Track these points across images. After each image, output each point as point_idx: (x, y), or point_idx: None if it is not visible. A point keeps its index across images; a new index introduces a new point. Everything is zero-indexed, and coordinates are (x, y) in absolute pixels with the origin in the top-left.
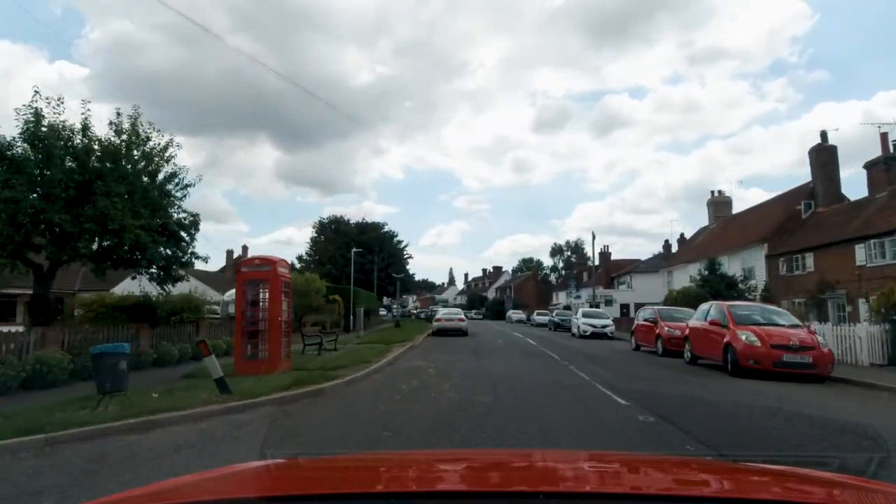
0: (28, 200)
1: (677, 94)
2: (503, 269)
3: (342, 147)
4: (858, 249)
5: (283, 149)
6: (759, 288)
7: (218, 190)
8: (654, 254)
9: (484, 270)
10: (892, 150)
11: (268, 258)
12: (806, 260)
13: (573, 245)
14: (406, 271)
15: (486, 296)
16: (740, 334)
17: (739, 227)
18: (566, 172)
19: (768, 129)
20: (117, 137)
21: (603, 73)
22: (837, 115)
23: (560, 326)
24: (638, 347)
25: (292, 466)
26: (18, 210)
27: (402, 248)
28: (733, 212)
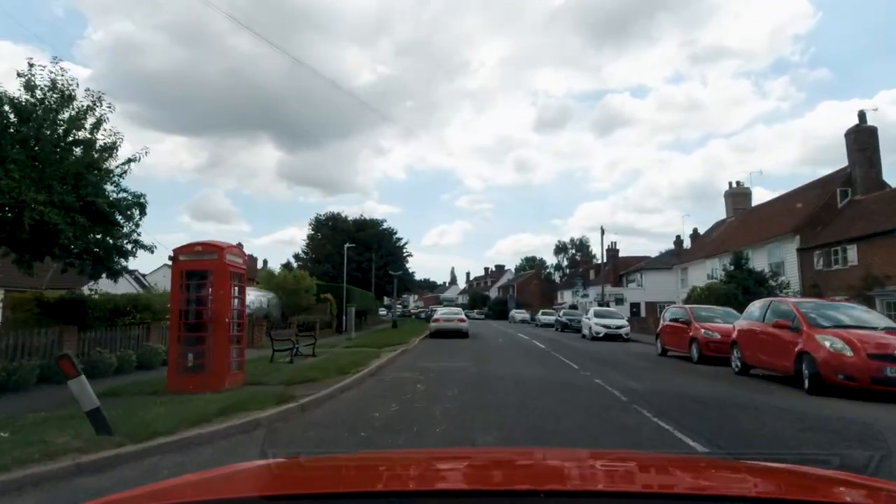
0: None
1: (679, 93)
2: (506, 268)
3: (344, 147)
4: None
5: (284, 149)
6: (792, 284)
7: (220, 190)
8: (662, 251)
9: (486, 269)
10: None
11: (213, 243)
12: (847, 253)
13: (578, 243)
14: (405, 269)
15: (489, 295)
16: (822, 340)
17: (763, 219)
18: (568, 172)
19: (771, 127)
20: (29, 94)
21: (604, 72)
22: (839, 114)
23: (568, 327)
24: (664, 352)
25: (293, 465)
26: None
27: (402, 245)
28: (752, 204)
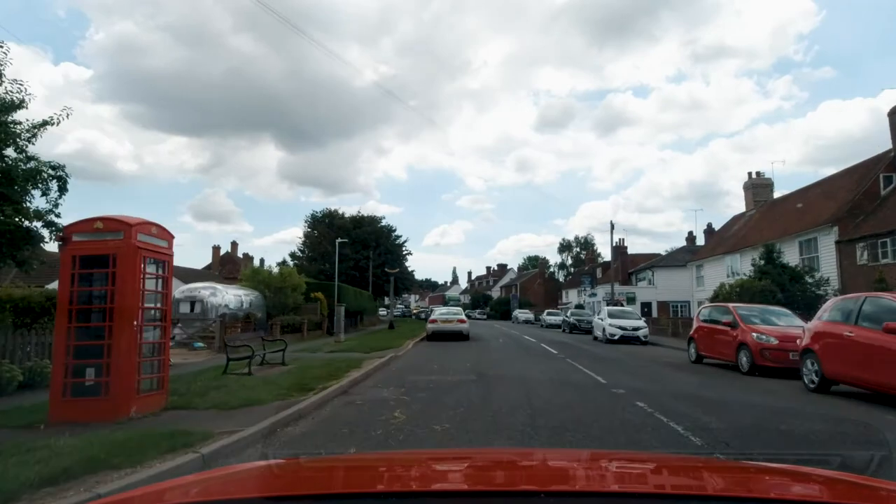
0: None
1: (681, 92)
2: (508, 267)
3: (345, 147)
4: None
5: (286, 149)
6: (831, 280)
7: (222, 190)
8: (669, 249)
9: (488, 268)
10: None
11: (119, 219)
12: None
13: (582, 241)
14: (404, 267)
15: (491, 295)
16: None
17: (791, 211)
18: (570, 171)
19: (773, 126)
20: None
21: (606, 71)
22: (842, 113)
23: (576, 328)
24: (700, 358)
25: (294, 466)
26: None
27: (401, 243)
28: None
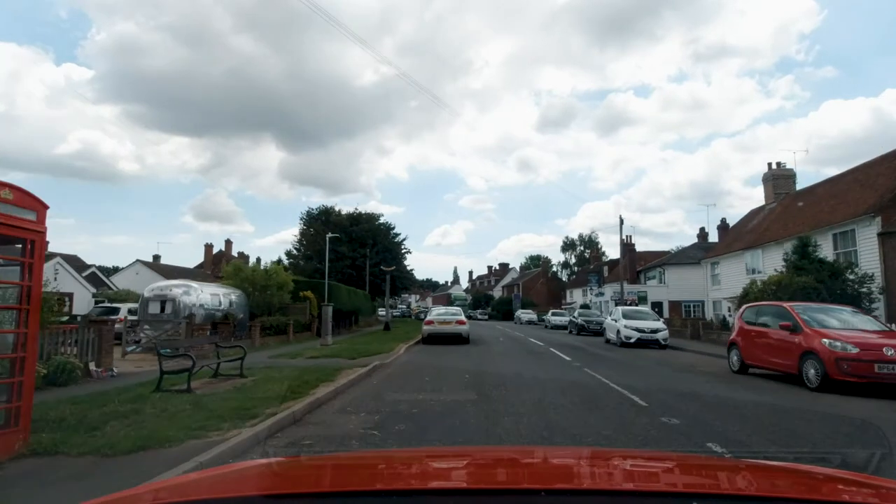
0: None
1: (683, 91)
2: (510, 267)
3: (347, 147)
4: None
5: (287, 149)
6: (877, 276)
7: (223, 190)
8: (677, 247)
9: (489, 268)
10: None
11: (32, 195)
12: None
13: (586, 239)
14: (403, 266)
15: (492, 294)
16: None
17: (819, 202)
18: (571, 171)
19: (775, 126)
20: None
21: (607, 71)
22: (844, 112)
23: (585, 329)
24: (745, 368)
25: (295, 464)
26: None
27: (400, 241)
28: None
